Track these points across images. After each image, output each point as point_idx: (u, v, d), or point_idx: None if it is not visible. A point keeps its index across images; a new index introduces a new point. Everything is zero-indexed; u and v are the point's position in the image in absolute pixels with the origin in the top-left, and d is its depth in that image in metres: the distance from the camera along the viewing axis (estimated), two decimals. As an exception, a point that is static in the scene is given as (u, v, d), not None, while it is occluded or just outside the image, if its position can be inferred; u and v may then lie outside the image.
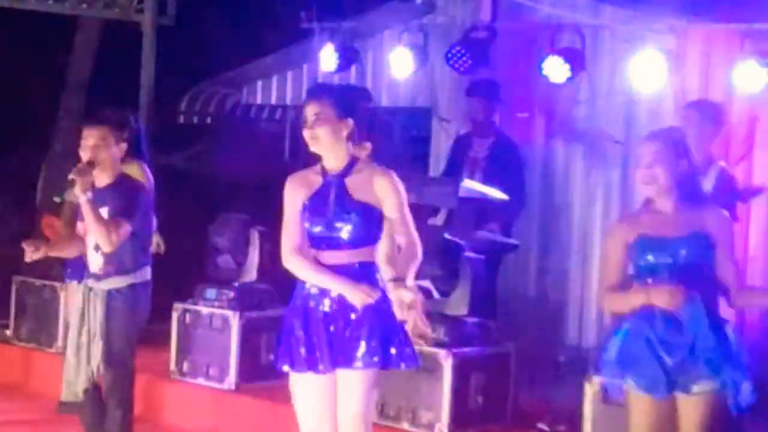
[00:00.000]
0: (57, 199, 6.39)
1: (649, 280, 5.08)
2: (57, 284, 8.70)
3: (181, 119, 12.61)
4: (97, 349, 6.22)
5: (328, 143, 5.17)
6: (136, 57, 10.53)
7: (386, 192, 5.17)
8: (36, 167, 11.00)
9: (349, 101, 5.23)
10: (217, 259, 8.15)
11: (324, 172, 5.23)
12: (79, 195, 6.06)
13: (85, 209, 6.08)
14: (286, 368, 5.26)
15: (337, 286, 5.14)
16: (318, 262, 5.20)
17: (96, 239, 6.17)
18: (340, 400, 5.21)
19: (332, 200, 5.16)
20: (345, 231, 5.15)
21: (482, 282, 7.21)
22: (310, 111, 5.18)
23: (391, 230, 5.21)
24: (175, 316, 8.11)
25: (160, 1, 10.62)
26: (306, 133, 5.19)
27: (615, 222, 5.55)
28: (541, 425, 7.09)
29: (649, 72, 7.85)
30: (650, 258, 5.08)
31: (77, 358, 6.27)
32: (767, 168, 8.23)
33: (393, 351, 5.18)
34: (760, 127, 8.22)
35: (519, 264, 9.01)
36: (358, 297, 5.10)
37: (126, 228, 6.16)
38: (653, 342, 5.04)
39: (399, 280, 5.06)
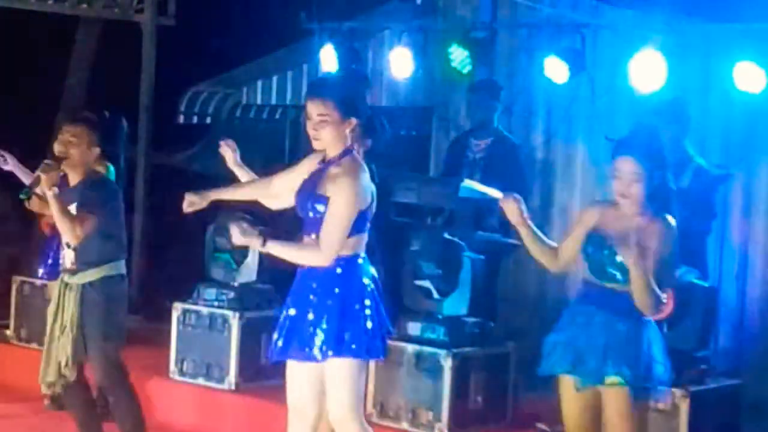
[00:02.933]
0: (22, 197, 6.50)
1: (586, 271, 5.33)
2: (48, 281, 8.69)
3: (181, 119, 12.62)
4: (67, 341, 6.33)
5: (330, 142, 5.24)
6: (136, 57, 10.53)
7: (335, 192, 5.19)
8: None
9: (352, 100, 5.26)
10: (217, 259, 8.15)
11: (323, 159, 5.33)
12: (45, 191, 6.24)
13: (52, 204, 6.26)
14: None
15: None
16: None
17: (62, 232, 6.36)
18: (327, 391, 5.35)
19: (310, 188, 5.28)
20: (307, 216, 5.25)
21: (482, 282, 7.21)
22: (314, 110, 5.21)
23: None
24: (175, 316, 8.10)
25: (160, 1, 10.62)
26: (310, 132, 5.26)
27: (590, 205, 5.64)
28: (541, 425, 7.09)
29: (649, 72, 7.85)
30: (589, 251, 5.28)
31: (48, 352, 6.39)
32: (767, 168, 8.24)
33: (347, 338, 5.26)
34: (760, 127, 8.22)
35: (519, 264, 9.00)
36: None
37: (91, 221, 6.33)
38: (576, 334, 5.31)
39: (267, 235, 5.17)
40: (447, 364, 6.84)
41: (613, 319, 5.24)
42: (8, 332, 9.25)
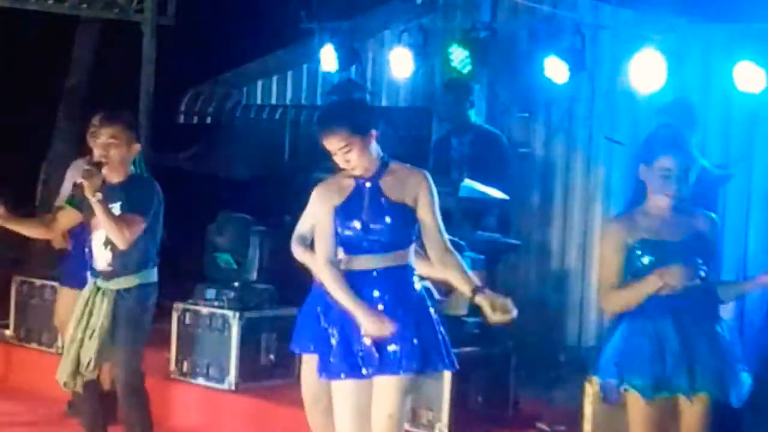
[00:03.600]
0: (67, 205, 6.45)
1: None
2: (57, 284, 8.69)
3: (181, 119, 12.61)
4: (93, 345, 6.28)
5: (364, 163, 5.13)
6: (136, 57, 10.52)
7: (420, 192, 5.11)
8: (36, 167, 11.00)
9: (361, 116, 5.18)
10: (217, 259, 8.15)
11: (357, 176, 5.17)
12: (89, 197, 6.09)
13: (97, 210, 6.11)
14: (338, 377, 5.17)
15: (357, 313, 5.04)
16: (347, 272, 5.17)
17: (111, 237, 6.20)
18: (375, 403, 5.16)
19: (367, 203, 5.11)
20: (380, 233, 5.09)
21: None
22: (334, 145, 5.10)
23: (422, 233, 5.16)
24: (175, 316, 8.11)
25: (160, 1, 10.62)
26: (341, 165, 5.15)
27: (611, 223, 5.53)
28: (541, 425, 7.09)
29: (649, 72, 7.85)
30: (649, 261, 5.15)
31: (68, 352, 6.36)
32: (767, 168, 8.24)
33: (432, 354, 5.17)
34: (760, 127, 8.23)
35: (519, 264, 9.01)
36: (373, 327, 5.01)
37: (140, 224, 6.23)
38: (651, 343, 5.11)
39: (480, 289, 5.09)
40: (447, 364, 6.83)
41: (707, 323, 5.19)
42: (8, 332, 9.25)
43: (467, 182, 7.51)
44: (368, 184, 5.13)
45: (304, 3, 9.96)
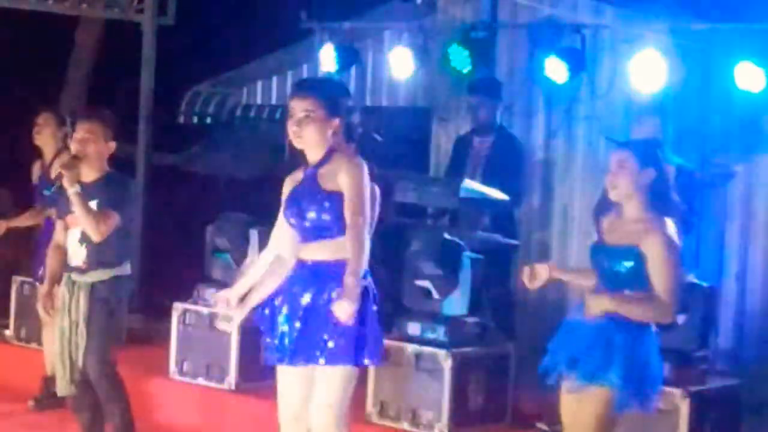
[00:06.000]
0: (47, 193, 6.62)
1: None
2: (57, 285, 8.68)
3: (181, 119, 12.62)
4: (81, 340, 6.38)
5: (312, 142, 5.27)
6: (136, 57, 10.52)
7: (345, 176, 5.18)
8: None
9: (337, 99, 5.32)
10: (218, 259, 8.15)
11: (305, 167, 5.34)
12: (67, 188, 6.23)
13: (74, 201, 6.25)
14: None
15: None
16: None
17: (86, 230, 6.33)
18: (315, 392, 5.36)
19: (305, 191, 5.27)
20: (314, 220, 5.22)
21: (482, 282, 7.21)
22: (299, 107, 5.25)
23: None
24: (175, 316, 8.11)
25: (160, 1, 10.62)
26: (291, 130, 5.28)
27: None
28: (541, 425, 7.09)
29: (649, 72, 7.85)
30: (594, 262, 5.37)
31: (66, 352, 6.41)
32: (766, 168, 8.24)
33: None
34: (760, 127, 8.22)
35: (519, 264, 9.00)
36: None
37: (114, 219, 6.34)
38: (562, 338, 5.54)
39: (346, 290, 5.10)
40: (447, 364, 6.84)
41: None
42: (8, 332, 9.25)
43: (467, 183, 7.51)
44: (310, 173, 5.29)
45: (304, 3, 9.96)
